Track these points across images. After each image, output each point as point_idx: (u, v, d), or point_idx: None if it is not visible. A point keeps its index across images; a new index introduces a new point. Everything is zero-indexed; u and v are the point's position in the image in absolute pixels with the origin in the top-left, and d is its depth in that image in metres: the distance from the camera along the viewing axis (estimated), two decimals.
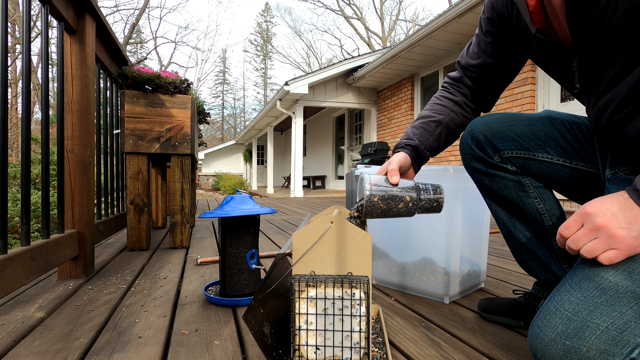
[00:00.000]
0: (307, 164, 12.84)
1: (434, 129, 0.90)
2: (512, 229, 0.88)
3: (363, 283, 0.62)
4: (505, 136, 0.83)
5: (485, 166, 0.87)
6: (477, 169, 0.89)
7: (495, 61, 0.88)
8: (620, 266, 0.53)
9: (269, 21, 34.38)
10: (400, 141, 0.89)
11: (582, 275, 0.56)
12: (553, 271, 0.85)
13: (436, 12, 36.15)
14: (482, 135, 0.86)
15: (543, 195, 0.84)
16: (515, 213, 0.87)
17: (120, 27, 25.94)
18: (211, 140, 34.69)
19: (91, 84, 1.42)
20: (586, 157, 0.78)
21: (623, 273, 0.53)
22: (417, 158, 0.88)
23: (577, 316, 0.54)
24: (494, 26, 0.85)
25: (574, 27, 0.63)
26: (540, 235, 0.85)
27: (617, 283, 0.53)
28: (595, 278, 0.54)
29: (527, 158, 0.82)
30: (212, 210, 1.07)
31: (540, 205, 0.84)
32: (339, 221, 0.64)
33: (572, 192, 0.83)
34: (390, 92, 7.43)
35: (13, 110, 11.76)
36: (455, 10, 4.54)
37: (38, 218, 3.51)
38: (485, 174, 0.88)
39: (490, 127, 0.85)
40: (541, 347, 0.56)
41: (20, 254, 1.01)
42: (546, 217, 0.83)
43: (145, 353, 0.78)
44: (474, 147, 0.87)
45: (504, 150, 0.83)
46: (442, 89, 0.98)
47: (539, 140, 0.81)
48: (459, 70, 0.95)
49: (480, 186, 0.92)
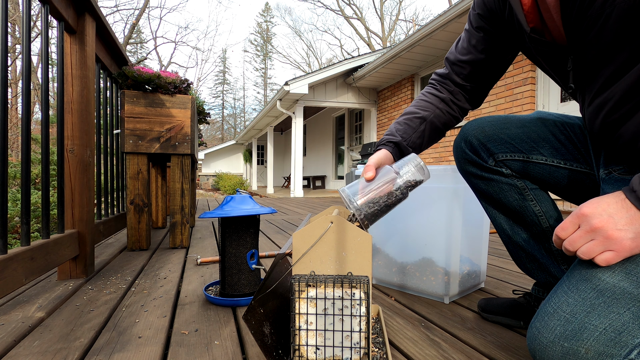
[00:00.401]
0: (307, 164, 12.84)
1: (417, 125, 0.88)
2: (509, 232, 0.88)
3: (363, 283, 0.62)
4: (499, 139, 0.83)
5: (480, 170, 0.86)
6: (472, 173, 0.89)
7: (486, 57, 0.86)
8: (618, 267, 0.53)
9: (269, 21, 34.38)
10: (382, 138, 0.87)
11: (580, 277, 0.56)
12: (552, 273, 0.84)
13: (436, 12, 36.16)
14: (475, 139, 0.85)
15: (539, 197, 0.84)
16: (512, 216, 0.87)
17: (120, 27, 25.91)
18: (211, 140, 34.69)
19: (91, 84, 1.42)
20: (580, 158, 0.78)
21: (620, 274, 0.53)
22: (399, 155, 0.85)
23: (575, 318, 0.54)
24: (485, 22, 0.83)
25: (568, 27, 0.63)
26: (538, 238, 0.85)
27: (615, 284, 0.52)
28: (593, 279, 0.54)
29: (522, 160, 0.82)
30: (212, 210, 1.07)
31: (537, 207, 0.83)
32: (339, 221, 0.64)
33: (568, 193, 0.83)
34: (390, 92, 7.43)
35: (13, 110, 11.76)
36: (455, 10, 4.54)
37: (38, 218, 3.51)
38: (481, 177, 0.87)
39: (483, 130, 0.85)
40: (540, 349, 0.56)
41: (20, 254, 1.01)
42: (543, 219, 0.83)
43: (145, 353, 0.78)
44: (468, 151, 0.87)
45: (498, 154, 0.83)
46: (428, 85, 0.96)
47: (532, 142, 0.81)
48: (446, 67, 0.93)
49: (475, 190, 0.92)
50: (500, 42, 0.84)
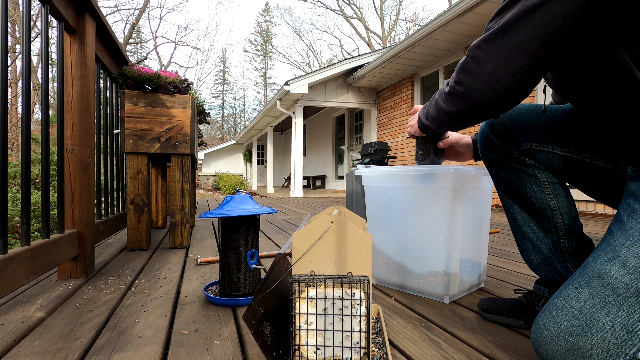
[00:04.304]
0: (307, 164, 12.84)
1: None
2: (520, 222, 0.88)
3: (363, 283, 0.62)
4: (526, 127, 0.81)
5: (502, 157, 0.85)
6: (493, 160, 0.87)
7: None
8: (633, 266, 0.53)
9: (269, 21, 34.38)
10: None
11: (592, 274, 0.56)
12: (556, 268, 0.84)
13: (436, 12, 36.14)
14: (501, 126, 0.84)
15: (557, 192, 0.83)
16: (527, 207, 0.86)
17: (120, 27, 25.94)
18: (211, 140, 34.69)
19: (91, 83, 1.42)
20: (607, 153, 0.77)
21: (634, 273, 0.52)
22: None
23: (584, 314, 0.53)
24: None
25: None
26: (549, 231, 0.84)
27: (627, 283, 0.52)
28: (605, 277, 0.54)
29: (547, 152, 0.80)
30: (212, 210, 1.07)
31: (553, 202, 0.82)
32: (339, 221, 0.64)
33: (591, 188, 0.81)
34: (390, 92, 7.43)
35: (13, 110, 11.76)
36: (455, 10, 4.54)
37: (38, 218, 3.51)
38: (502, 165, 0.86)
39: (511, 117, 0.83)
40: (544, 343, 0.56)
41: (20, 254, 1.00)
42: (557, 214, 0.82)
43: (145, 353, 0.78)
44: (493, 137, 0.85)
45: (523, 142, 0.81)
46: None
47: (560, 134, 0.79)
48: None
49: (494, 177, 0.90)
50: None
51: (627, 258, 0.53)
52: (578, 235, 0.84)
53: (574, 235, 0.83)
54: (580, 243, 0.84)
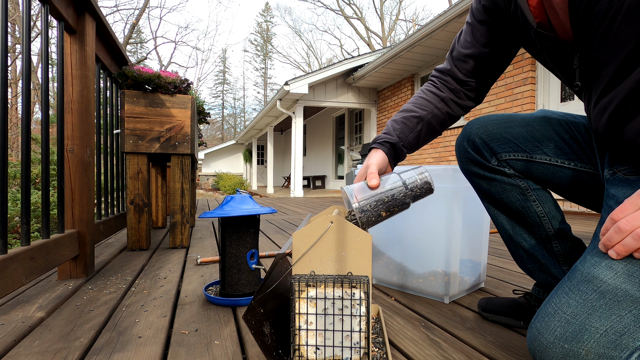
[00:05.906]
0: (307, 164, 12.84)
1: (414, 125, 0.87)
2: (511, 232, 0.88)
3: (363, 283, 0.62)
4: (502, 138, 0.82)
5: (483, 170, 0.86)
6: (474, 173, 0.88)
7: (490, 51, 0.84)
8: (620, 269, 0.53)
9: (269, 21, 34.38)
10: (379, 135, 0.86)
11: (581, 278, 0.56)
12: (553, 274, 0.84)
13: (436, 12, 36.15)
14: (478, 138, 0.84)
15: (542, 198, 0.83)
16: (514, 216, 0.86)
17: (120, 27, 25.92)
18: (211, 140, 34.69)
19: (91, 83, 1.42)
20: (584, 158, 0.78)
21: (622, 276, 0.52)
22: (394, 156, 0.85)
23: (576, 319, 0.53)
24: (488, 15, 0.82)
25: (575, 24, 0.62)
26: (540, 238, 0.84)
27: (617, 286, 0.52)
28: (594, 281, 0.54)
29: (525, 160, 0.81)
30: (212, 210, 1.07)
31: (539, 208, 0.83)
32: (339, 221, 0.64)
33: (571, 193, 0.82)
34: (390, 92, 7.43)
35: (13, 110, 11.76)
36: (455, 10, 4.54)
37: (38, 218, 3.51)
38: (483, 177, 0.86)
39: (486, 129, 0.84)
40: (540, 350, 0.56)
41: (21, 254, 1.01)
42: (545, 219, 0.83)
43: (145, 353, 0.78)
44: (471, 151, 0.86)
45: (501, 153, 0.82)
46: (428, 83, 0.94)
47: (536, 141, 0.80)
48: (448, 62, 0.91)
49: (478, 190, 0.91)
50: (504, 37, 0.83)
51: (614, 261, 0.53)
52: (569, 237, 0.84)
53: (565, 239, 0.84)
54: (573, 245, 0.84)
